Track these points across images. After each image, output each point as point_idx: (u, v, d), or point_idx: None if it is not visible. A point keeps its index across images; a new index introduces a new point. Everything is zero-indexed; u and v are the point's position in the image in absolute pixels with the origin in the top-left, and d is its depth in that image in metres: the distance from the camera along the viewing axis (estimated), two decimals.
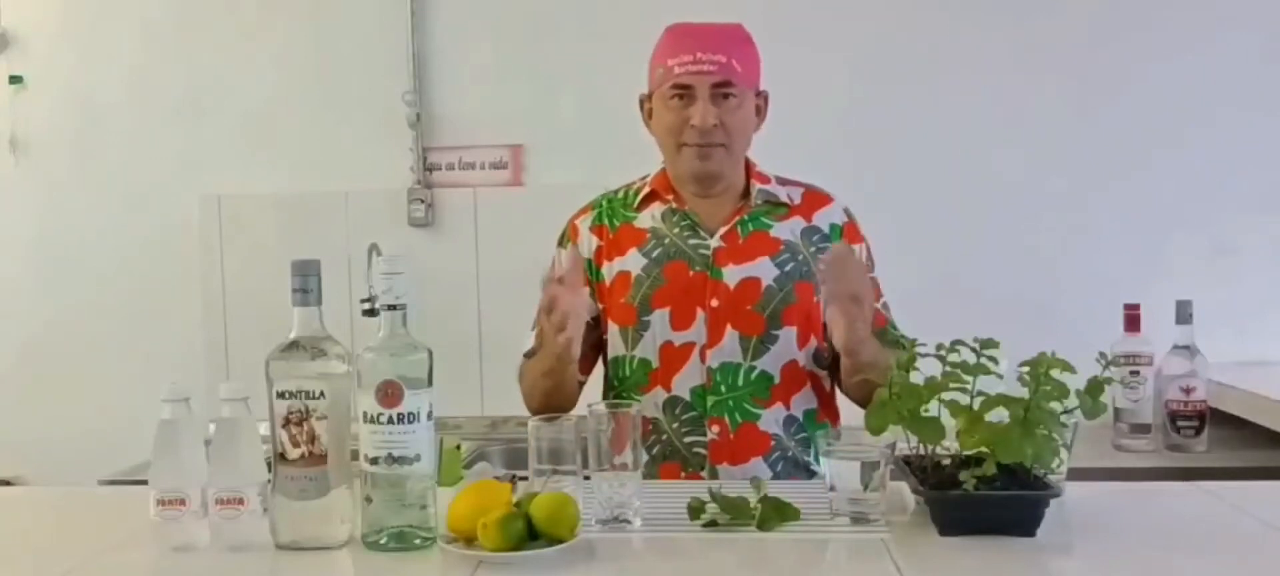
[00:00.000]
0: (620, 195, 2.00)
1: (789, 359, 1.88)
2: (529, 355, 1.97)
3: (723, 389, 1.86)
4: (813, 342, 1.91)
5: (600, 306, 1.95)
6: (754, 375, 1.86)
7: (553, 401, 1.87)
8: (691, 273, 1.88)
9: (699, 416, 1.87)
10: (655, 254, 1.90)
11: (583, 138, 2.93)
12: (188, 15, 3.09)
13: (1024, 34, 2.88)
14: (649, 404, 1.87)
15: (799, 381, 1.90)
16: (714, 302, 1.86)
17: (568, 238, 2.00)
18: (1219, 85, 2.83)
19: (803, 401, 1.90)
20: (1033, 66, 2.87)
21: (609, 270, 1.94)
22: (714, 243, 1.89)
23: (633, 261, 1.91)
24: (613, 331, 1.92)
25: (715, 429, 1.86)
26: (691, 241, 1.90)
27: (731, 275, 1.87)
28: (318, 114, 3.05)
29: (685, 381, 1.87)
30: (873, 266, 1.96)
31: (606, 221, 1.97)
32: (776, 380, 1.87)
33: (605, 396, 1.94)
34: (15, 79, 3.12)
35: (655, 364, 1.88)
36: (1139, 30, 2.85)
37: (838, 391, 1.96)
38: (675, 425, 1.88)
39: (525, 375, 1.96)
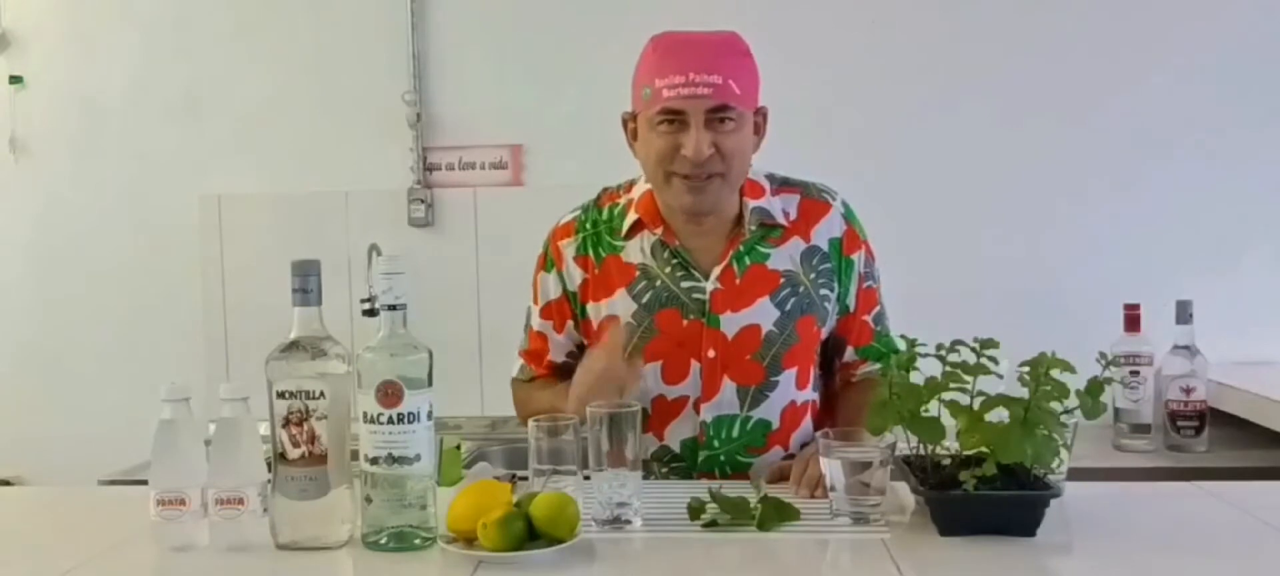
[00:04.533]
0: (604, 216, 1.84)
1: (788, 401, 1.78)
2: (525, 379, 1.95)
3: (716, 443, 1.77)
4: (814, 375, 1.84)
5: (585, 342, 1.86)
6: (751, 425, 1.77)
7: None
8: (685, 322, 1.74)
9: (686, 469, 1.80)
10: (646, 299, 1.76)
11: (583, 138, 2.92)
12: (187, 15, 3.09)
13: (1024, 35, 2.88)
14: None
15: (797, 420, 1.81)
16: (711, 353, 1.74)
17: (552, 262, 1.85)
18: (1219, 87, 2.83)
19: (801, 437, 1.82)
20: (1034, 67, 2.87)
21: (595, 310, 1.81)
22: (710, 285, 1.75)
23: (621, 304, 1.77)
24: None
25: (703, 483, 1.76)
26: (685, 284, 1.76)
27: (729, 323, 1.74)
28: (318, 114, 3.05)
29: (677, 432, 1.78)
30: (873, 265, 1.88)
31: (591, 251, 1.82)
32: (775, 426, 1.78)
33: None
34: (15, 79, 3.12)
35: (648, 413, 1.77)
36: (1140, 33, 2.85)
37: (833, 404, 1.92)
38: (664, 471, 1.81)
39: (526, 404, 1.88)
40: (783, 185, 1.84)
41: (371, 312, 2.64)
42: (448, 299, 2.98)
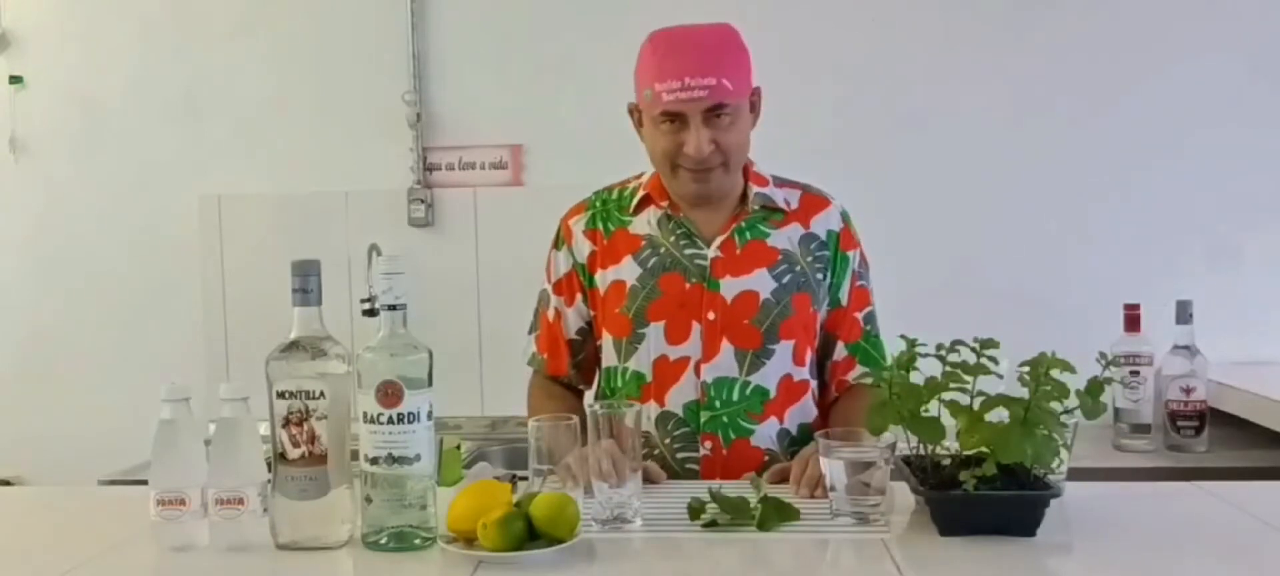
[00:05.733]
0: (614, 196, 1.94)
1: (784, 373, 1.84)
2: (536, 360, 1.99)
3: (717, 404, 1.82)
4: (810, 356, 1.88)
5: (592, 314, 1.93)
6: (749, 390, 1.82)
7: None
8: (688, 285, 1.83)
9: (692, 432, 1.83)
10: (651, 264, 1.85)
11: (583, 138, 2.93)
12: (187, 15, 3.09)
13: (1024, 37, 2.88)
14: (641, 417, 1.80)
15: (795, 395, 1.85)
16: (711, 315, 1.82)
17: (562, 239, 1.95)
18: (1219, 88, 2.83)
19: (798, 414, 1.86)
20: (1033, 68, 2.87)
21: (603, 278, 1.89)
22: (711, 253, 1.84)
23: (628, 270, 1.86)
24: (606, 340, 1.89)
25: (708, 445, 1.82)
26: (688, 251, 1.85)
27: (729, 288, 1.82)
28: (318, 114, 3.05)
29: (679, 396, 1.83)
30: (867, 270, 1.94)
31: (600, 226, 1.91)
32: (772, 394, 1.83)
33: (597, 401, 1.92)
34: (15, 79, 3.12)
35: (649, 377, 1.84)
36: (1140, 34, 2.85)
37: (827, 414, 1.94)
38: (667, 440, 1.83)
39: (533, 402, 1.96)
40: (786, 182, 1.94)
41: (371, 313, 2.64)
42: (448, 299, 2.98)
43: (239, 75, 3.08)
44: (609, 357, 1.89)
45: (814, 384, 1.90)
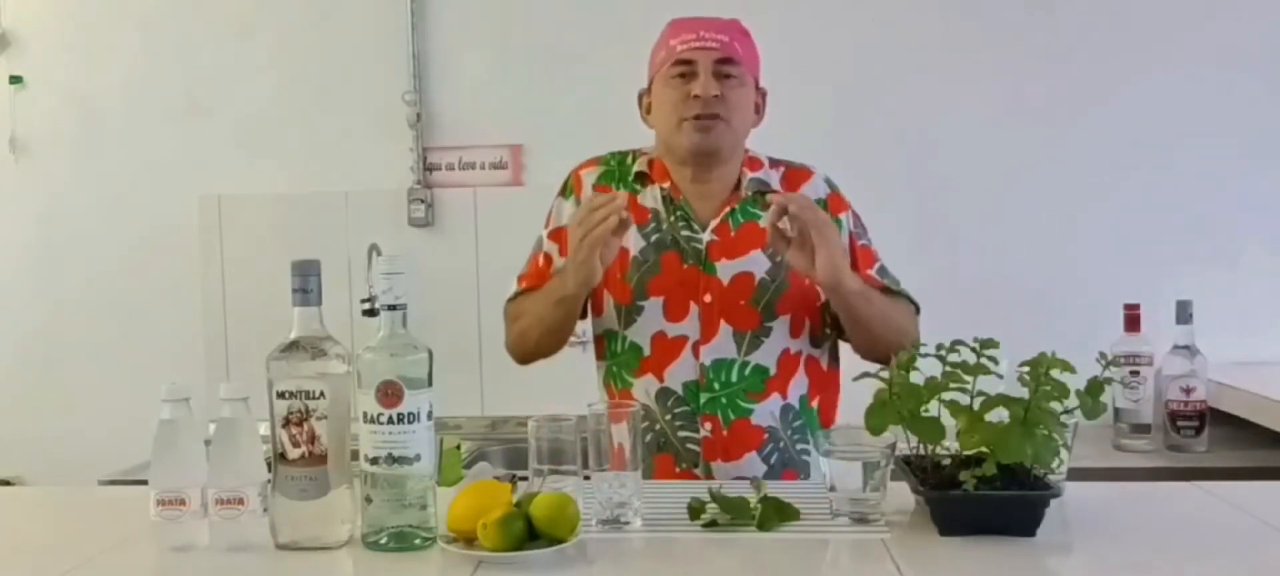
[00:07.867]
0: (629, 161, 1.96)
1: (783, 348, 1.87)
2: (519, 295, 1.96)
3: (716, 386, 1.85)
4: (808, 324, 1.90)
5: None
6: (748, 370, 1.86)
7: (552, 339, 1.89)
8: (684, 266, 1.87)
9: (691, 412, 1.86)
10: (654, 238, 1.89)
11: (583, 138, 2.89)
12: (187, 15, 3.09)
13: (1024, 34, 2.88)
14: (640, 390, 1.87)
15: (793, 368, 1.89)
16: (707, 298, 1.86)
17: (570, 189, 1.97)
18: (1220, 88, 2.83)
19: (798, 387, 1.89)
20: (1033, 66, 2.88)
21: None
22: (706, 236, 1.88)
23: (633, 239, 1.88)
24: (608, 302, 1.91)
25: (708, 426, 1.85)
26: (685, 233, 1.88)
27: (724, 270, 1.86)
28: (318, 114, 3.06)
29: (677, 374, 1.86)
30: (865, 230, 1.96)
31: (614, 185, 1.93)
32: (772, 372, 1.86)
33: (599, 361, 1.95)
34: (15, 79, 3.12)
35: (647, 351, 1.88)
36: (1141, 34, 2.85)
37: (835, 374, 1.96)
38: (668, 417, 1.87)
39: (525, 310, 1.92)
40: (776, 162, 1.99)
41: (371, 312, 2.64)
42: (448, 299, 2.98)
43: (239, 75, 3.08)
44: (609, 320, 1.92)
45: (815, 355, 1.91)
